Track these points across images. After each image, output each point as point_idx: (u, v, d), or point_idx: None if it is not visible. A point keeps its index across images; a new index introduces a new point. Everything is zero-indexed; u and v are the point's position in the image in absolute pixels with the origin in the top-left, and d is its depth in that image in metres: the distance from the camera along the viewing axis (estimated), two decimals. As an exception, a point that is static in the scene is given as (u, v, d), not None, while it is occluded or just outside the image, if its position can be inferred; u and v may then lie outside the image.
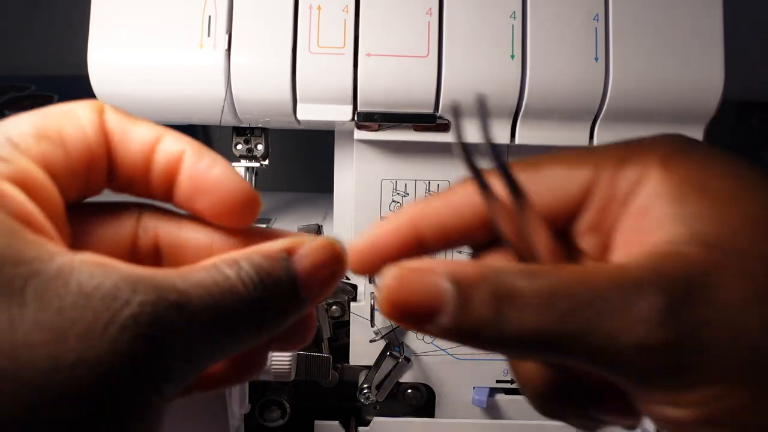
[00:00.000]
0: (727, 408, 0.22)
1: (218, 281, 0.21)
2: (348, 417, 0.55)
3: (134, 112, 0.49)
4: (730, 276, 0.22)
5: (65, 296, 0.18)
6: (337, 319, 0.53)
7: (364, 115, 0.46)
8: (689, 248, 0.23)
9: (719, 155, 0.25)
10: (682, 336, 0.22)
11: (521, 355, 0.24)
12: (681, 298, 0.22)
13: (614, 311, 0.22)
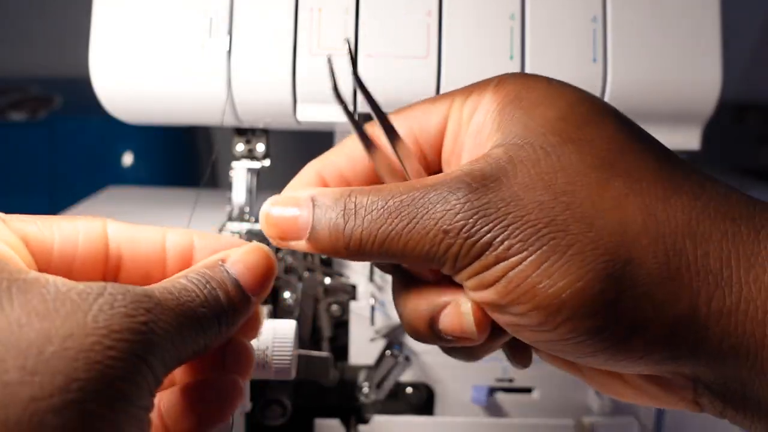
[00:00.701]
0: (519, 277, 0.26)
1: (177, 286, 0.25)
2: (348, 415, 0.55)
3: (135, 113, 0.49)
4: (521, 165, 0.27)
5: (46, 293, 0.22)
6: (337, 318, 0.53)
7: (364, 116, 0.46)
8: (496, 149, 0.28)
9: (541, 78, 0.30)
10: (476, 217, 0.26)
11: (368, 257, 0.29)
12: (477, 188, 0.27)
13: (428, 207, 0.27)
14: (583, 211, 0.26)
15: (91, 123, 1.08)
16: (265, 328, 0.38)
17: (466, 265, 0.27)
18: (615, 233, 0.26)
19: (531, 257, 0.26)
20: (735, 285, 0.26)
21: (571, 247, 0.26)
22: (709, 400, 0.29)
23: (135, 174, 1.10)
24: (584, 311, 0.26)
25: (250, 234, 0.51)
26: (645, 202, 0.27)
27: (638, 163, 0.28)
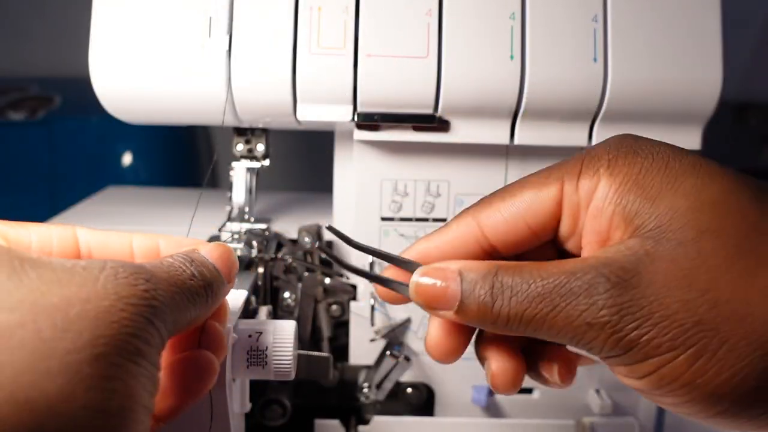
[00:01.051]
0: (673, 374, 0.27)
1: (164, 263, 0.28)
2: (348, 416, 0.55)
3: (135, 112, 0.49)
4: (659, 261, 0.27)
5: (57, 267, 0.24)
6: (337, 318, 0.53)
7: (364, 116, 0.46)
8: (631, 240, 0.28)
9: (656, 150, 0.30)
10: (620, 314, 0.27)
11: (512, 332, 0.30)
12: (618, 283, 0.27)
13: (571, 298, 0.28)
14: (731, 308, 0.27)
15: (91, 123, 1.08)
16: (265, 328, 0.38)
17: (614, 356, 0.28)
18: (766, 325, 0.26)
19: (682, 356, 0.27)
20: None
21: (724, 345, 0.26)
22: None
23: (135, 174, 1.10)
24: (744, 403, 0.27)
25: (250, 234, 0.51)
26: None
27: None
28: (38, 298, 0.23)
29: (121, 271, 0.25)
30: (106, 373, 0.23)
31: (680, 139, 0.48)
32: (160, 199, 0.68)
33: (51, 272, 0.24)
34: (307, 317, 0.53)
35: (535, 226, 0.32)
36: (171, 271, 0.28)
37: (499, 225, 0.32)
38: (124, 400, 0.23)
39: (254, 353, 0.37)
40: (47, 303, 0.23)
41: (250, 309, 0.45)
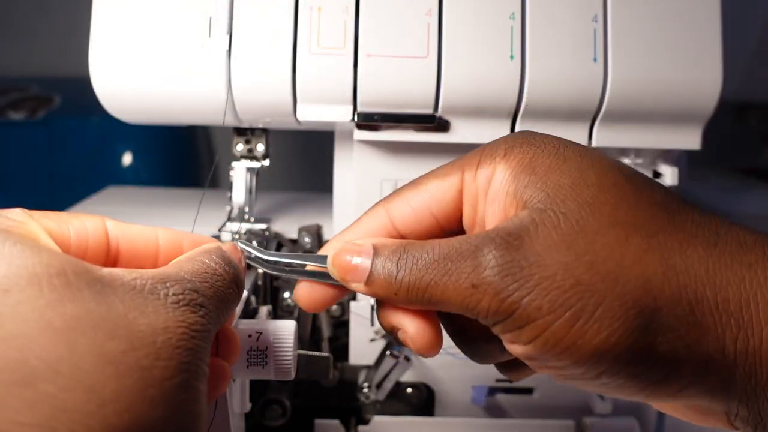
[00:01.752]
0: (555, 337, 0.28)
1: (208, 271, 0.29)
2: (348, 416, 0.55)
3: (135, 113, 0.49)
4: (542, 227, 0.29)
5: (131, 289, 0.26)
6: (337, 318, 0.53)
7: (364, 116, 0.46)
8: (521, 212, 0.30)
9: (545, 142, 0.32)
10: (502, 275, 0.29)
11: (415, 303, 0.31)
12: (501, 244, 0.29)
13: (460, 261, 0.30)
14: (606, 269, 0.28)
15: (91, 123, 1.08)
16: (265, 328, 0.38)
17: (500, 320, 0.29)
18: (639, 287, 0.28)
19: (561, 319, 0.28)
20: (755, 325, 0.28)
21: (600, 305, 0.28)
22: (742, 426, 0.31)
23: (135, 174, 1.10)
24: (622, 361, 0.28)
25: (250, 234, 0.51)
26: (663, 255, 0.29)
27: (652, 218, 0.30)
28: (131, 324, 0.24)
29: (182, 297, 0.27)
30: (190, 397, 0.25)
31: (680, 139, 0.48)
32: (160, 199, 0.68)
33: (130, 298, 0.25)
34: (307, 317, 0.53)
35: (439, 216, 0.34)
36: (215, 284, 0.29)
37: (407, 215, 0.34)
38: (199, 420, 0.26)
39: (254, 353, 0.37)
40: (138, 330, 0.24)
41: (250, 309, 0.45)
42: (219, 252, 0.31)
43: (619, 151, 0.50)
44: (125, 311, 0.24)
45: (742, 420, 0.30)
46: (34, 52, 1.28)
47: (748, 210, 0.77)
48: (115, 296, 0.25)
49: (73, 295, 0.24)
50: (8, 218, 0.27)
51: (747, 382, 0.29)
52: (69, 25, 0.95)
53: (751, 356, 0.28)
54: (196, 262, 0.30)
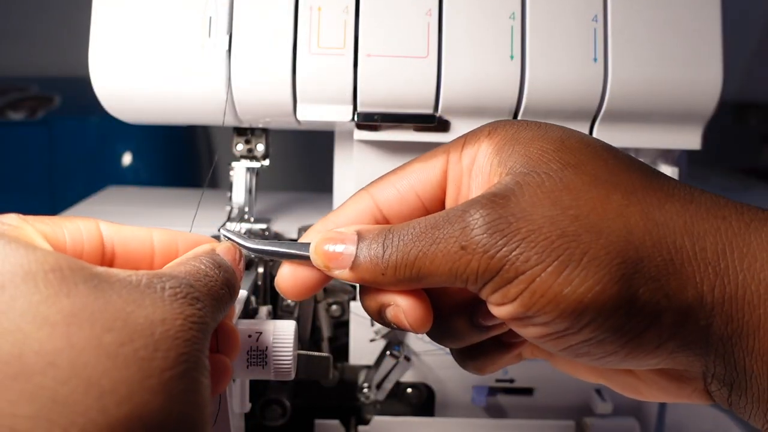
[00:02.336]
0: (542, 288, 0.29)
1: (200, 272, 0.30)
2: (348, 416, 0.55)
3: (135, 113, 0.49)
4: (527, 187, 0.30)
5: (128, 284, 0.26)
6: (337, 318, 0.53)
7: (364, 116, 0.46)
8: (505, 177, 0.31)
9: (528, 122, 0.34)
10: (490, 232, 0.29)
11: (402, 281, 0.32)
12: (487, 204, 0.30)
13: (447, 227, 0.30)
14: (590, 221, 0.29)
15: (91, 122, 1.08)
16: (265, 328, 0.38)
17: (488, 279, 0.30)
18: (622, 238, 0.29)
19: (549, 268, 0.29)
20: (732, 273, 0.29)
21: (586, 255, 0.29)
22: (717, 388, 0.31)
23: (135, 174, 1.10)
24: (606, 311, 0.29)
25: (250, 234, 0.51)
26: (643, 209, 0.30)
27: (631, 179, 0.31)
28: (128, 316, 0.25)
29: (179, 291, 0.27)
30: (191, 387, 0.25)
31: (680, 139, 0.48)
32: (160, 199, 0.68)
33: (127, 292, 0.26)
34: (307, 317, 0.53)
35: (424, 197, 0.35)
36: (208, 284, 0.30)
37: (392, 198, 0.35)
38: (202, 411, 0.26)
39: (254, 353, 0.37)
40: (136, 323, 0.25)
41: (250, 309, 0.45)
42: (210, 255, 0.32)
43: (619, 151, 0.50)
44: (122, 305, 0.25)
45: (718, 380, 0.31)
46: (34, 52, 1.28)
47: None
48: (111, 290, 0.25)
49: (69, 290, 0.24)
50: (3, 223, 0.28)
51: (724, 329, 0.29)
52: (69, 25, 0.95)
53: (728, 303, 0.29)
54: (188, 264, 0.30)
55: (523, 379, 0.54)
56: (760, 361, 0.29)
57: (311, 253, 0.33)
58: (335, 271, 0.33)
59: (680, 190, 0.31)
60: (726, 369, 0.30)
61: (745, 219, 0.30)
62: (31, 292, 0.24)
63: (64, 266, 0.25)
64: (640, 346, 0.30)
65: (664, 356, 0.30)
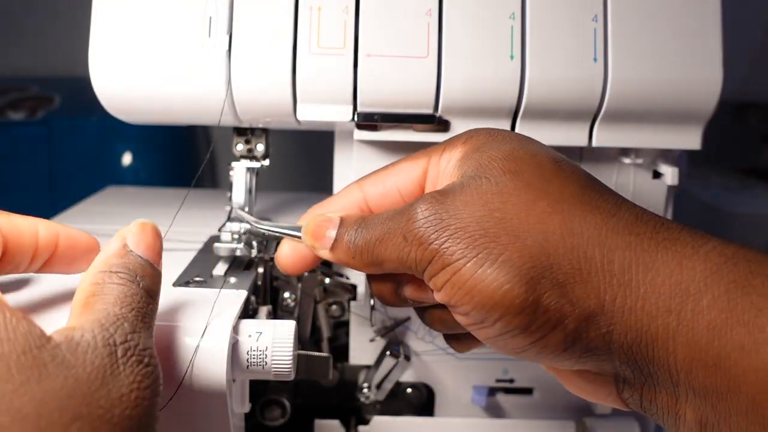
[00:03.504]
0: (461, 280, 0.32)
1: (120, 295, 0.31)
2: (348, 416, 0.55)
3: (135, 112, 0.49)
4: (467, 188, 0.33)
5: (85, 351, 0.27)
6: (337, 318, 0.53)
7: (364, 116, 0.46)
8: (455, 180, 0.35)
9: (503, 133, 0.37)
10: (425, 226, 0.33)
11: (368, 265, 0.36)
12: (430, 200, 0.33)
13: (397, 219, 0.34)
14: (512, 225, 0.32)
15: (91, 122, 1.08)
16: (265, 328, 0.38)
17: (424, 268, 0.33)
18: (537, 244, 0.31)
19: (469, 263, 0.32)
20: (634, 286, 0.31)
21: (501, 255, 0.31)
22: (629, 394, 0.34)
23: (135, 174, 1.10)
24: (513, 310, 0.31)
25: (250, 234, 0.51)
26: (564, 218, 0.32)
27: (563, 188, 0.33)
28: (91, 401, 0.25)
29: (128, 347, 0.28)
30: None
31: (680, 139, 0.48)
32: (160, 199, 0.68)
33: (90, 363, 0.26)
34: (307, 317, 0.53)
35: (405, 194, 0.39)
36: (135, 308, 0.30)
37: (378, 193, 0.39)
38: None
39: (254, 353, 0.37)
40: (98, 405, 0.25)
41: (250, 309, 0.45)
42: (123, 263, 0.32)
43: (619, 151, 0.50)
44: (87, 380, 0.25)
45: (630, 386, 0.33)
46: (34, 53, 1.28)
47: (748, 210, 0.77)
48: (76, 365, 0.26)
49: (40, 373, 0.24)
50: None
51: (624, 338, 0.31)
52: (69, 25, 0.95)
53: (628, 313, 0.31)
54: (106, 292, 0.30)
55: (523, 378, 0.54)
56: (662, 369, 0.31)
57: (302, 233, 0.38)
58: (320, 251, 0.38)
59: (608, 204, 0.33)
60: (633, 374, 0.32)
61: (659, 237, 0.32)
62: (4, 380, 0.23)
63: (32, 345, 0.25)
64: (547, 347, 0.32)
65: (575, 358, 0.32)
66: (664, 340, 0.30)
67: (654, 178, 0.51)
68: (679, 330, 0.30)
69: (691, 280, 0.30)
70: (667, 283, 0.30)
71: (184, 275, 0.45)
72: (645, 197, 0.51)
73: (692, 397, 0.31)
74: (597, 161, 0.50)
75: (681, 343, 0.30)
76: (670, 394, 0.32)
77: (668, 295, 0.30)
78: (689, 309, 0.30)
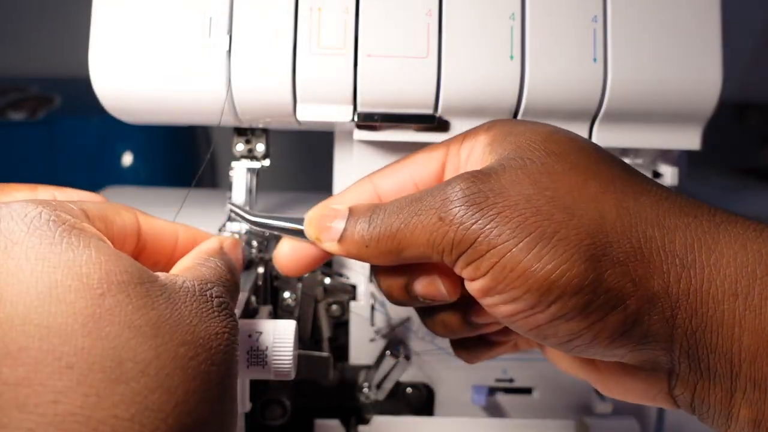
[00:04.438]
0: (513, 262, 0.30)
1: (219, 271, 0.33)
2: (348, 416, 0.55)
3: (135, 113, 0.49)
4: (509, 168, 0.32)
5: (188, 297, 0.28)
6: (337, 318, 0.53)
7: (364, 116, 0.46)
8: (491, 163, 0.33)
9: (524, 120, 0.37)
10: (467, 205, 0.30)
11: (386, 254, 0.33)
12: (469, 179, 0.31)
13: (429, 200, 0.32)
14: (565, 202, 0.30)
15: (91, 123, 1.08)
16: (265, 328, 0.38)
17: (462, 251, 0.31)
18: (594, 221, 0.30)
19: (521, 243, 0.29)
20: (698, 267, 0.29)
21: (557, 233, 0.29)
22: (681, 392, 0.32)
23: (135, 174, 1.10)
24: (572, 289, 0.29)
25: (250, 234, 0.51)
26: (618, 198, 0.31)
27: (610, 171, 0.32)
28: (195, 330, 0.27)
29: (222, 301, 0.30)
30: (233, 396, 0.29)
31: (680, 139, 0.48)
32: (160, 199, 0.68)
33: (190, 302, 0.28)
34: (307, 317, 0.53)
35: (421, 187, 0.36)
36: (230, 288, 0.32)
37: (392, 187, 0.37)
38: (236, 417, 0.29)
39: (254, 353, 0.37)
40: (200, 336, 0.27)
41: (250, 309, 0.45)
42: (222, 256, 0.34)
43: (620, 151, 0.50)
44: (189, 316, 0.27)
45: (683, 382, 0.31)
46: (34, 52, 1.28)
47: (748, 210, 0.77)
48: (179, 302, 0.28)
49: (153, 301, 0.26)
50: (71, 218, 0.29)
51: (689, 323, 0.29)
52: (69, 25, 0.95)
53: (693, 296, 0.29)
54: (210, 267, 0.33)
55: (523, 378, 0.54)
56: (723, 360, 0.30)
57: (305, 225, 0.36)
58: (325, 244, 0.35)
59: (657, 188, 0.32)
60: (690, 367, 0.31)
61: (716, 219, 0.31)
62: (126, 302, 0.26)
63: (144, 278, 0.27)
64: (604, 330, 0.30)
65: (630, 346, 0.31)
66: (729, 326, 0.29)
67: (654, 178, 0.51)
68: (746, 315, 0.29)
69: (757, 262, 0.29)
70: (732, 265, 0.29)
71: (184, 275, 0.45)
72: (645, 197, 0.51)
73: (750, 392, 0.29)
74: (597, 161, 0.50)
75: (747, 329, 0.29)
76: (726, 390, 0.30)
77: (734, 277, 0.29)
78: (756, 293, 0.29)
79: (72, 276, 0.25)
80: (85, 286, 0.25)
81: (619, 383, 0.35)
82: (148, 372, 0.24)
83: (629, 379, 0.34)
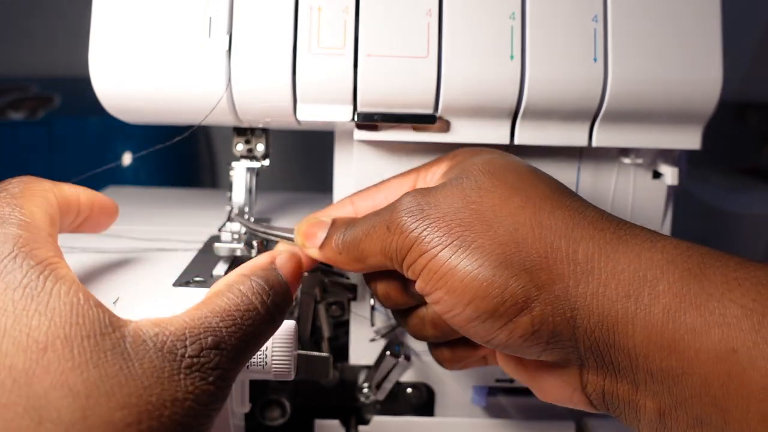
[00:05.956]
0: (436, 265, 0.34)
1: (239, 304, 0.32)
2: (348, 416, 0.55)
3: (135, 113, 0.49)
4: (449, 185, 0.37)
5: (146, 350, 0.27)
6: (337, 318, 0.53)
7: (364, 116, 0.46)
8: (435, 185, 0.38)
9: (488, 150, 0.41)
10: (407, 216, 0.36)
11: (356, 263, 0.39)
12: (416, 194, 0.37)
13: (382, 213, 0.38)
14: (486, 216, 0.35)
15: (91, 123, 1.08)
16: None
17: (404, 256, 0.36)
18: (508, 233, 0.34)
19: (444, 249, 0.34)
20: (596, 273, 0.33)
21: (474, 242, 0.34)
22: (593, 387, 0.35)
23: (135, 174, 1.10)
24: (482, 293, 0.33)
25: (250, 234, 0.51)
26: (535, 212, 0.35)
27: (535, 188, 0.36)
28: (142, 394, 0.26)
29: (196, 362, 0.28)
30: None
31: (680, 139, 0.48)
32: (160, 199, 0.68)
33: (148, 360, 0.27)
34: (307, 317, 0.53)
35: None
36: (244, 324, 0.31)
37: (369, 207, 0.42)
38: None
39: (254, 353, 0.37)
40: (148, 401, 0.26)
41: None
42: (265, 275, 0.34)
43: (619, 151, 0.50)
44: (141, 376, 0.26)
45: (593, 377, 0.35)
46: (34, 52, 1.28)
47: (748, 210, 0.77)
48: (135, 358, 0.26)
49: (98, 358, 0.25)
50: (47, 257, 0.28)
51: (587, 322, 0.33)
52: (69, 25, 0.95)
53: (590, 298, 0.33)
54: (232, 293, 0.32)
55: (523, 379, 0.54)
56: (622, 354, 0.33)
57: (294, 233, 0.42)
58: (309, 250, 0.41)
59: (575, 204, 0.36)
60: (597, 362, 0.34)
61: (620, 232, 0.34)
62: (66, 358, 0.25)
63: (98, 331, 0.26)
64: (516, 330, 0.34)
65: (543, 344, 0.34)
66: (624, 323, 0.32)
67: (654, 178, 0.51)
68: (638, 313, 0.32)
69: (648, 268, 0.33)
70: (627, 271, 0.33)
71: (184, 275, 0.45)
72: (645, 197, 0.51)
73: (650, 383, 0.32)
74: (597, 161, 0.50)
75: (639, 326, 0.32)
76: (630, 383, 0.33)
77: (627, 281, 0.32)
78: (646, 294, 0.32)
79: (20, 327, 0.25)
80: (28, 338, 0.25)
81: (544, 382, 0.38)
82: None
83: (550, 378, 0.37)
